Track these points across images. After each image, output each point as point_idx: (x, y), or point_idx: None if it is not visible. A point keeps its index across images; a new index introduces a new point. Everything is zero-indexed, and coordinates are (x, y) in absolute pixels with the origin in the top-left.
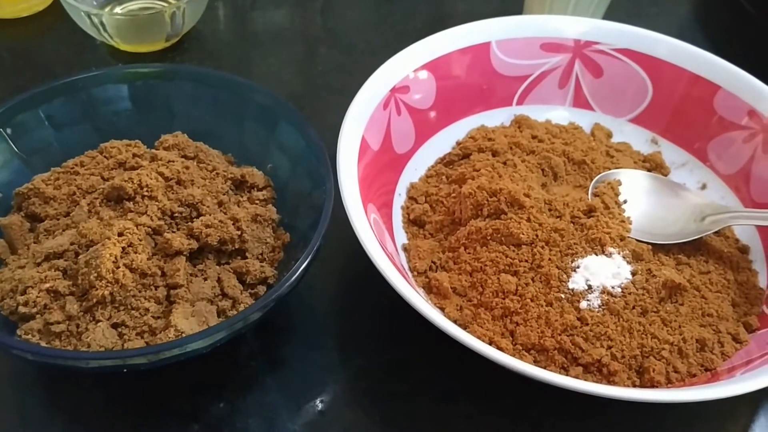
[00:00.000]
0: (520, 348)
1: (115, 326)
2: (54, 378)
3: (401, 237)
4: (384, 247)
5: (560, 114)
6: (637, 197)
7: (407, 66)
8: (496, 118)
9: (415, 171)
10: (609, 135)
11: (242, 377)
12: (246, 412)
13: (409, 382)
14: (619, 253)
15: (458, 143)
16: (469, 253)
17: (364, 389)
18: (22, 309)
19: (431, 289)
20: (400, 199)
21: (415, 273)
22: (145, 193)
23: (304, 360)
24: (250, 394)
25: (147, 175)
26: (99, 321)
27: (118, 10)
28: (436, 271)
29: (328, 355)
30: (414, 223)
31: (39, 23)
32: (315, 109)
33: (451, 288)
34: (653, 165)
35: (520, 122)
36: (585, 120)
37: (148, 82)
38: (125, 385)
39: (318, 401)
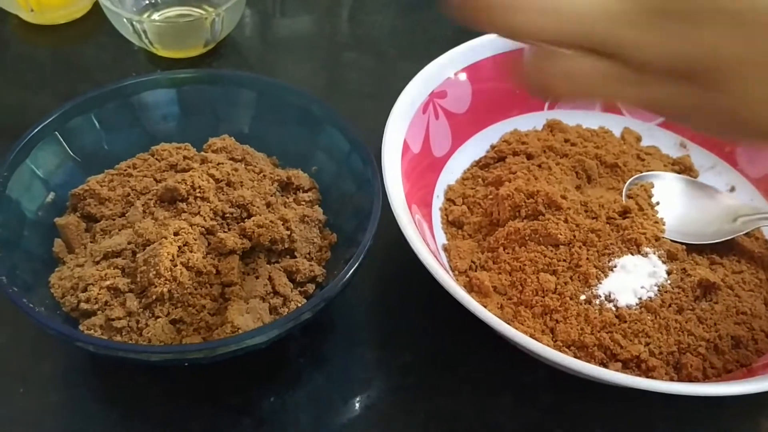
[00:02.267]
0: (561, 344)
1: (173, 322)
2: (108, 373)
3: (440, 237)
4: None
5: (590, 118)
6: (670, 199)
7: (445, 71)
8: (528, 122)
9: (451, 174)
10: (638, 138)
11: (291, 372)
12: (295, 407)
13: (452, 377)
14: (654, 253)
15: (492, 147)
16: (508, 253)
17: (408, 384)
18: (83, 306)
19: (472, 288)
20: (438, 201)
21: (456, 272)
22: (198, 194)
23: (349, 355)
24: (299, 388)
25: (199, 176)
26: (158, 317)
27: (155, 16)
28: (476, 271)
29: (372, 351)
30: (452, 224)
31: (78, 29)
32: (348, 113)
33: (492, 287)
34: (683, 168)
35: (552, 126)
36: (614, 124)
37: (194, 86)
38: (178, 380)
39: (364, 396)
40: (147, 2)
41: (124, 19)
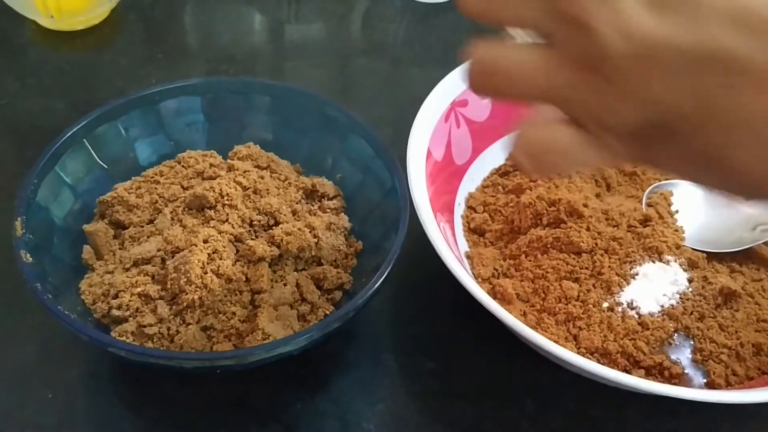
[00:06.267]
0: (584, 351)
1: (204, 329)
2: (136, 380)
3: (462, 245)
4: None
5: None
6: (690, 207)
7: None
8: None
9: (471, 182)
10: None
11: (316, 379)
12: (322, 413)
13: (475, 383)
14: (675, 261)
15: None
16: (530, 261)
17: (432, 391)
18: (115, 312)
19: (495, 295)
20: (459, 209)
21: (480, 280)
22: (226, 202)
23: (373, 362)
24: (325, 395)
25: (226, 184)
26: (189, 324)
27: None
28: (499, 278)
29: (396, 358)
30: (474, 231)
31: (97, 36)
32: (364, 120)
33: (515, 294)
34: None
35: None
36: None
37: (219, 94)
38: (205, 386)
39: (389, 402)
40: None
41: None
